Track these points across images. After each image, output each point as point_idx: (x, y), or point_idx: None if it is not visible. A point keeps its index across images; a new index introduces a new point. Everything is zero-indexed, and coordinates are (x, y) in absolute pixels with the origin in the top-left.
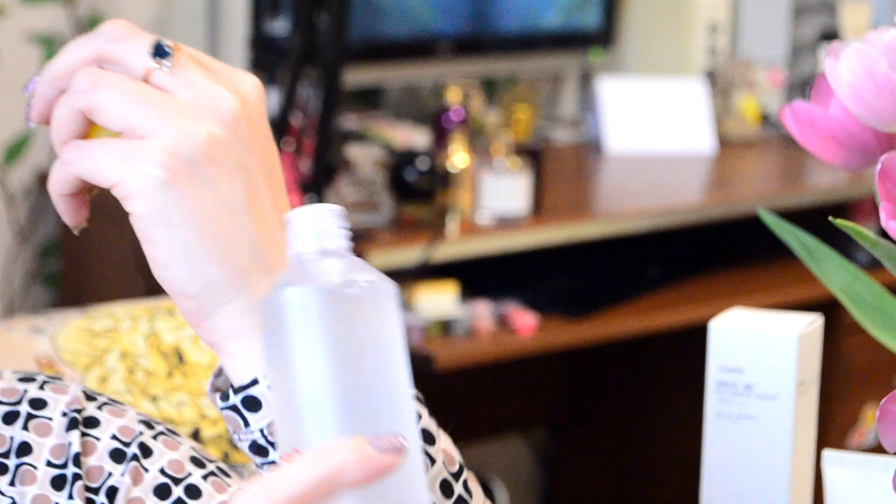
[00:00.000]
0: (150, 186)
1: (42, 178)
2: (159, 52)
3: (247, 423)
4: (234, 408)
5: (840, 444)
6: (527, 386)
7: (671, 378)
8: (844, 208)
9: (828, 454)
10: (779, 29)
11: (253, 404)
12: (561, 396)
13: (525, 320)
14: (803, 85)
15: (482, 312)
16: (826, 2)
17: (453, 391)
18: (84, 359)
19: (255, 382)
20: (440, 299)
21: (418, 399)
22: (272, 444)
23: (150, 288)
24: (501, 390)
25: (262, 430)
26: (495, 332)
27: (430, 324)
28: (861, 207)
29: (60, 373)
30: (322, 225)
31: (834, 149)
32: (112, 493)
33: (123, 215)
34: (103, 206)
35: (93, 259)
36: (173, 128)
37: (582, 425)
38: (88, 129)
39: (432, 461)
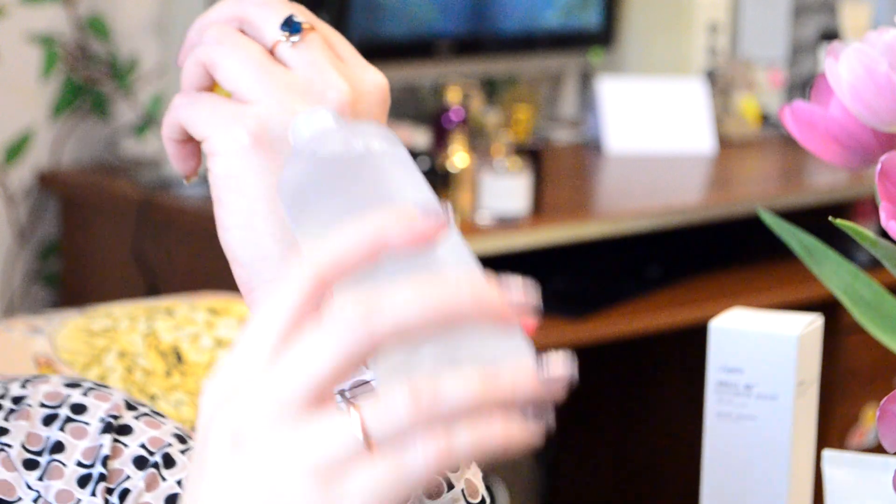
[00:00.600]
0: (233, 149)
1: (42, 178)
2: (289, 25)
3: None
4: None
5: (840, 444)
6: None
7: (671, 378)
8: (844, 208)
9: (828, 454)
10: (779, 29)
11: None
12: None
13: (525, 320)
14: (803, 85)
15: None
16: (826, 2)
17: None
18: (82, 358)
19: None
20: None
21: None
22: None
23: (150, 288)
24: None
25: None
26: None
27: None
28: (861, 207)
29: (59, 372)
30: (317, 119)
31: (834, 149)
32: (124, 494)
33: (123, 216)
34: (103, 207)
35: (93, 259)
36: (274, 101)
37: (582, 425)
38: (212, 82)
39: (450, 487)
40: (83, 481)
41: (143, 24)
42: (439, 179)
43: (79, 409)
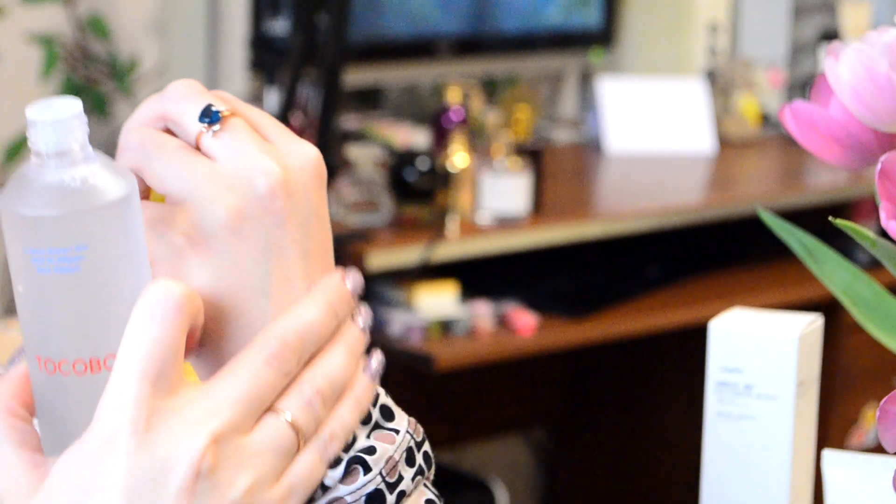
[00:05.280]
0: (167, 254)
1: None
2: (207, 115)
3: None
4: None
5: (840, 444)
6: (527, 386)
7: (671, 378)
8: (844, 208)
9: (828, 454)
10: (779, 29)
11: None
12: (561, 396)
13: (525, 320)
14: (803, 85)
15: (482, 312)
16: (826, 2)
17: (453, 391)
18: None
19: None
20: (440, 299)
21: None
22: None
23: None
24: (501, 390)
25: None
26: (495, 332)
27: (430, 324)
28: (861, 207)
29: None
30: (62, 126)
31: (834, 149)
32: None
33: None
34: None
35: None
36: (200, 197)
37: (582, 425)
38: (147, 187)
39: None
40: None
41: (143, 24)
42: (439, 179)
43: None
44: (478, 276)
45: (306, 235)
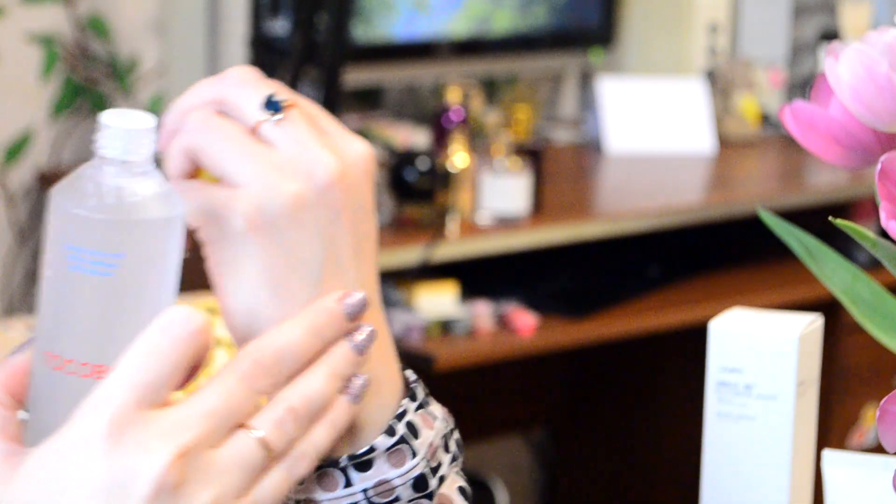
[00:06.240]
0: (226, 236)
1: (42, 178)
2: (270, 104)
3: None
4: None
5: (840, 444)
6: (527, 386)
7: (671, 378)
8: (844, 208)
9: (828, 454)
10: (779, 29)
11: None
12: (561, 396)
13: (525, 320)
14: (803, 85)
15: (482, 312)
16: (826, 2)
17: (453, 391)
18: None
19: None
20: (440, 299)
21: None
22: None
23: None
24: (501, 390)
25: None
26: (495, 332)
27: (430, 324)
28: (861, 207)
29: None
30: (131, 135)
31: (834, 149)
32: None
33: None
34: None
35: None
36: (263, 183)
37: (582, 425)
38: (197, 169)
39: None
40: None
41: (143, 24)
42: (439, 179)
43: None
44: (478, 276)
45: (357, 227)
